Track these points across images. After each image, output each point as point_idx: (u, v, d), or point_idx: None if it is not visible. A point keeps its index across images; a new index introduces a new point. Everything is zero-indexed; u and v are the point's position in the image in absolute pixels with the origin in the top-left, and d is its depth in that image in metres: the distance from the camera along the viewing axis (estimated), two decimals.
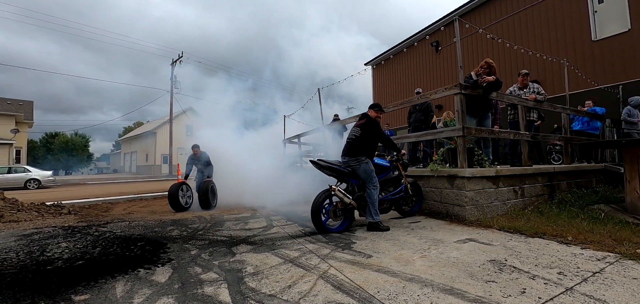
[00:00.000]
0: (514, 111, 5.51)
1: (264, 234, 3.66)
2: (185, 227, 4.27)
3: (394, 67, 16.44)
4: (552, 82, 9.36)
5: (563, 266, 2.31)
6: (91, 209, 6.56)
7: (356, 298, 1.89)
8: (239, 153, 7.62)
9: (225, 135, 8.21)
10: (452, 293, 1.92)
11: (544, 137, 5.75)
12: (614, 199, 4.67)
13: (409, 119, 6.92)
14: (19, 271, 2.52)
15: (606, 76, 8.40)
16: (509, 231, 3.38)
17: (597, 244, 2.81)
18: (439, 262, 2.47)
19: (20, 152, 24.78)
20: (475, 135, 4.39)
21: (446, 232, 3.44)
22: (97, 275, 2.38)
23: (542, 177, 4.97)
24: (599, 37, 8.70)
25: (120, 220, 4.96)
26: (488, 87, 4.51)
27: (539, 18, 9.95)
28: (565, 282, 2.03)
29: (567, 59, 7.82)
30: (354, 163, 3.67)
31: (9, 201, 5.99)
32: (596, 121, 6.68)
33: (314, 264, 2.51)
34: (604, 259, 2.44)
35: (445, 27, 13.25)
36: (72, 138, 41.08)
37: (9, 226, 4.58)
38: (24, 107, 25.97)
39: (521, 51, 8.78)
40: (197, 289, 2.09)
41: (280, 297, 1.93)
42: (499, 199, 4.27)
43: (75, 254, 2.99)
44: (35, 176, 14.90)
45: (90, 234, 3.85)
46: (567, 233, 3.16)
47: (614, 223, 3.50)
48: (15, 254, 3.01)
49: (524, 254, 2.60)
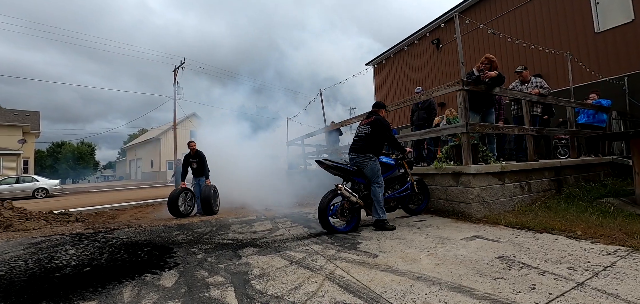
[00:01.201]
0: (517, 105, 5.46)
1: (270, 237, 3.65)
2: (191, 231, 4.28)
3: (395, 66, 16.40)
4: (555, 76, 9.26)
5: (573, 261, 2.28)
6: (98, 216, 6.62)
7: (363, 298, 1.88)
8: (243, 156, 7.64)
9: (229, 138, 8.25)
10: (460, 290, 1.89)
11: (549, 132, 5.68)
12: (623, 192, 4.60)
13: (411, 118, 6.91)
14: (28, 278, 2.55)
15: (611, 68, 8.29)
16: (517, 227, 3.34)
17: (607, 238, 2.76)
18: (446, 260, 2.45)
19: (28, 162, 25.14)
20: (479, 131, 4.35)
21: (453, 230, 3.41)
22: (105, 281, 2.40)
23: (549, 172, 4.91)
24: (602, 28, 8.60)
25: (127, 226, 5.00)
26: (491, 82, 4.47)
27: (540, 12, 9.87)
28: (576, 277, 2.00)
29: (571, 52, 7.74)
30: (362, 160, 3.66)
31: (17, 210, 6.07)
32: (602, 114, 6.59)
33: (320, 265, 2.50)
34: (615, 253, 2.40)
35: (446, 24, 13.19)
36: (79, 147, 41.60)
37: (18, 234, 4.64)
38: (30, 117, 26.37)
39: (523, 45, 8.71)
40: (203, 292, 2.09)
41: (287, 298, 1.93)
42: (505, 195, 4.22)
43: (82, 260, 3.01)
44: (43, 185, 15.09)
45: (97, 241, 3.88)
46: (576, 227, 3.11)
47: (624, 216, 3.45)
48: (24, 262, 3.04)
49: (533, 250, 2.57)
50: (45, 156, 39.35)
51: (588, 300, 1.70)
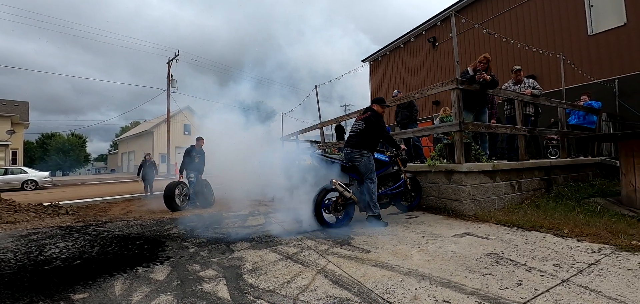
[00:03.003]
0: (510, 106, 5.54)
1: (262, 231, 3.66)
2: (184, 225, 4.26)
3: (391, 63, 16.42)
4: (549, 77, 9.39)
5: (559, 259, 2.34)
6: (89, 209, 6.54)
7: (354, 292, 1.90)
8: (237, 150, 7.59)
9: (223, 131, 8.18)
10: (449, 286, 1.93)
11: (540, 132, 5.78)
12: (610, 193, 4.71)
13: (396, 118, 7.12)
14: (17, 271, 2.52)
15: (602, 70, 8.43)
16: (506, 225, 3.40)
17: (593, 236, 2.83)
18: (436, 256, 2.49)
19: (17, 153, 24.61)
20: (472, 130, 4.40)
21: (444, 227, 3.46)
22: (96, 274, 2.38)
23: (539, 171, 5.00)
24: (595, 31, 8.72)
25: (118, 219, 4.95)
26: (485, 83, 4.53)
27: (535, 13, 9.96)
28: (561, 274, 2.05)
29: (564, 53, 7.84)
30: (357, 155, 3.67)
31: (6, 202, 5.95)
32: (592, 115, 6.72)
33: (312, 260, 2.52)
34: (600, 251, 2.46)
35: (442, 22, 13.24)
36: (69, 139, 40.83)
37: (7, 227, 4.56)
38: (19, 108, 25.75)
39: (518, 46, 8.80)
40: (196, 286, 2.09)
41: (279, 292, 1.94)
42: (496, 193, 4.29)
43: (73, 253, 2.98)
44: (32, 177, 14.80)
45: (88, 234, 3.84)
46: (564, 225, 3.19)
47: (610, 216, 3.54)
48: (13, 255, 2.99)
49: (521, 248, 2.62)
50: (34, 148, 38.55)
51: (572, 296, 1.75)
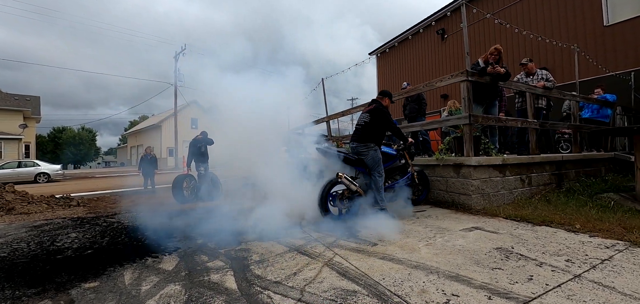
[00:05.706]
0: (522, 98, 5.40)
1: (268, 223, 3.67)
2: (192, 216, 4.31)
3: (399, 55, 16.18)
4: (561, 69, 9.13)
5: (571, 254, 2.28)
6: (99, 201, 6.66)
7: (361, 284, 1.89)
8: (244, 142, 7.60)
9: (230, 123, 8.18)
10: (457, 279, 1.91)
11: (552, 125, 5.64)
12: (623, 188, 4.59)
13: (404, 111, 7.02)
14: (30, 260, 2.58)
15: (618, 62, 8.15)
16: (516, 219, 3.34)
17: (606, 232, 2.76)
18: (444, 250, 2.46)
19: (29, 146, 25.22)
20: (482, 123, 4.31)
21: (452, 221, 3.42)
22: (106, 264, 2.43)
23: (550, 166, 4.89)
24: (612, 21, 8.41)
25: (128, 211, 5.04)
26: (497, 76, 4.41)
27: (549, 3, 9.65)
28: (573, 269, 2.01)
29: (578, 44, 7.60)
30: (363, 149, 3.64)
31: (19, 194, 6.11)
32: (606, 109, 6.51)
33: (319, 252, 2.52)
34: (613, 247, 2.40)
35: (452, 13, 12.95)
36: (80, 133, 41.67)
37: (20, 218, 4.69)
38: (31, 102, 26.34)
39: (530, 37, 8.56)
40: (203, 276, 2.11)
41: (286, 283, 1.94)
42: (505, 188, 4.21)
43: (84, 244, 3.04)
44: (45, 170, 15.16)
45: (98, 225, 3.92)
46: (575, 221, 3.12)
47: (624, 211, 3.44)
48: (26, 245, 3.08)
49: (531, 242, 2.57)
50: (46, 142, 39.47)
51: (585, 292, 1.71)
